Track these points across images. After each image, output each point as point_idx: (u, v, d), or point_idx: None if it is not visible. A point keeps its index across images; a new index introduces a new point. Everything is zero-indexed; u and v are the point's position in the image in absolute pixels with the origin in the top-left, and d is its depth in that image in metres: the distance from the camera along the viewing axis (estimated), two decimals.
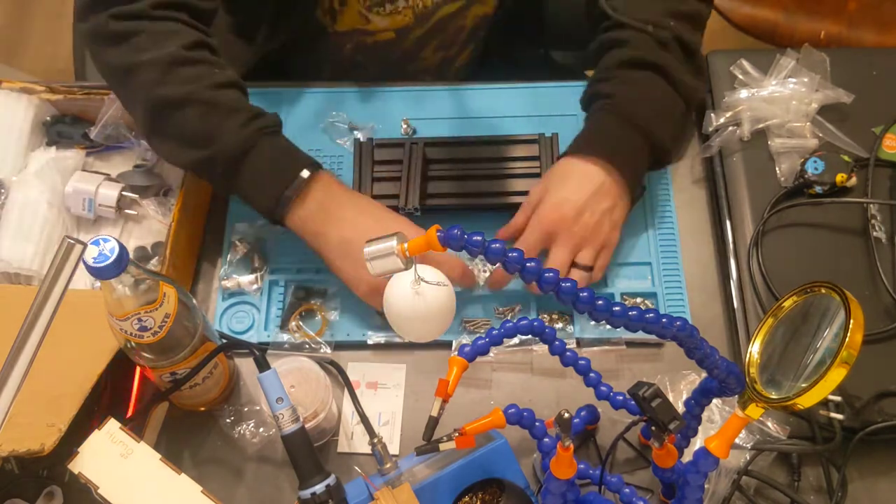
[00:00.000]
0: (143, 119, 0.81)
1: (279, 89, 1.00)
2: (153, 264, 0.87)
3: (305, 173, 0.80)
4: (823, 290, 0.60)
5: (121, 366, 0.74)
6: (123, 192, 0.89)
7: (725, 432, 0.61)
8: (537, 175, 0.90)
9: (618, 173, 0.83)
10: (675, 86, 0.86)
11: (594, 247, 0.82)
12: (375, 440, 0.75)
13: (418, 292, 0.64)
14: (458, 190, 0.90)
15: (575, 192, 0.81)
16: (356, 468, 0.79)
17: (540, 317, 0.85)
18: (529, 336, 0.76)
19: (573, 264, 0.82)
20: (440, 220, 0.62)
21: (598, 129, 0.85)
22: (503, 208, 0.89)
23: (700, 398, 0.70)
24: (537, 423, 0.67)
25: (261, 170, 0.80)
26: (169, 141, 0.82)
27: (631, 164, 0.84)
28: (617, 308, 0.57)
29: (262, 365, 0.70)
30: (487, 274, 0.87)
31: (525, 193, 0.87)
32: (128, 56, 0.80)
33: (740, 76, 0.95)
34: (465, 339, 0.84)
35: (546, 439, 0.66)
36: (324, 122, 0.97)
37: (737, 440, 0.74)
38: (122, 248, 0.60)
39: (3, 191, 0.89)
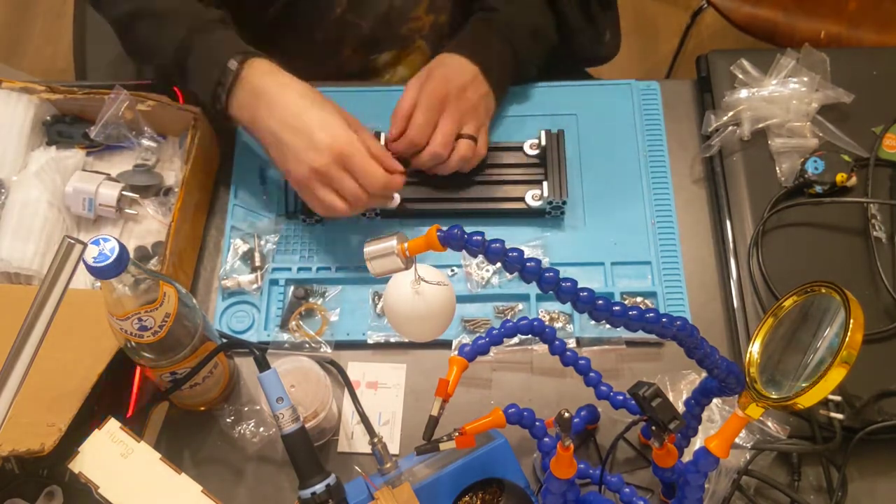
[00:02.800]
0: (121, 41, 0.90)
1: None
2: (153, 264, 0.87)
3: (233, 64, 0.82)
4: (824, 290, 0.60)
5: (121, 366, 0.74)
6: (123, 192, 0.89)
7: (725, 432, 0.61)
8: (532, 181, 0.90)
9: (486, 78, 0.91)
10: (558, 16, 0.95)
11: (475, 122, 0.89)
12: (375, 440, 0.75)
13: (418, 292, 0.63)
14: (452, 195, 0.90)
15: (458, 73, 0.89)
16: (356, 468, 0.79)
17: (540, 316, 0.85)
18: (529, 336, 0.76)
19: (459, 135, 0.88)
20: (437, 222, 0.62)
21: (478, 38, 0.94)
22: (497, 214, 0.90)
23: (700, 398, 0.70)
24: (537, 423, 0.67)
25: (196, 69, 0.83)
26: (135, 57, 0.91)
27: (498, 74, 0.92)
28: (617, 308, 0.57)
29: (262, 365, 0.70)
30: (489, 273, 0.87)
31: (520, 199, 0.90)
32: None
33: (740, 76, 0.95)
34: (465, 339, 0.84)
35: (546, 439, 0.66)
36: None
37: (737, 440, 0.74)
38: (122, 248, 0.60)
39: (3, 191, 0.89)
